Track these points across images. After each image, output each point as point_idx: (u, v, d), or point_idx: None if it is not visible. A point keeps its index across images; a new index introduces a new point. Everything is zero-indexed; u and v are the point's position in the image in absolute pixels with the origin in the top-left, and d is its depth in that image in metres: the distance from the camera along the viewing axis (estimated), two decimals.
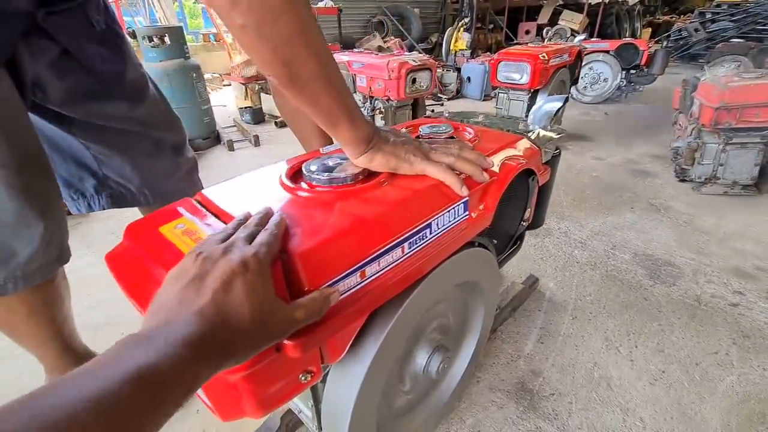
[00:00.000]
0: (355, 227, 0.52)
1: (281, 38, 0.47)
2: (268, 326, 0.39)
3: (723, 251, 1.61)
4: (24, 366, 1.12)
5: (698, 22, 6.77)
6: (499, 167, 0.73)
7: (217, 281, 0.38)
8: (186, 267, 0.40)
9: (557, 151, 1.01)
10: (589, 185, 2.25)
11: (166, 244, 0.53)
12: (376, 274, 0.53)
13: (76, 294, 1.40)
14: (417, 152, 0.63)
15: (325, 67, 0.52)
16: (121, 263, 0.56)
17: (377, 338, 0.58)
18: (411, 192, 0.60)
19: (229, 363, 0.37)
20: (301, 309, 0.43)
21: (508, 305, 1.25)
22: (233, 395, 0.46)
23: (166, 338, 0.33)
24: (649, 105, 4.11)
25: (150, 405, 0.30)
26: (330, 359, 0.54)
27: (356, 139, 0.60)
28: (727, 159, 1.98)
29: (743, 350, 1.14)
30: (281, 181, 0.63)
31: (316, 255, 0.47)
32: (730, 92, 1.82)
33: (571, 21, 6.74)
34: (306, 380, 0.51)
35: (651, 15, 9.56)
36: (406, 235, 0.56)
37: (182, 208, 0.59)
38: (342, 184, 0.60)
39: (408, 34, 6.69)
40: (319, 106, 0.55)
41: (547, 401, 1.00)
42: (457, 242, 0.67)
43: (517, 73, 2.42)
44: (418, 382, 0.82)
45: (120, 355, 0.31)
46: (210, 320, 0.36)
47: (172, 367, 0.31)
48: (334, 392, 0.63)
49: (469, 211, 0.67)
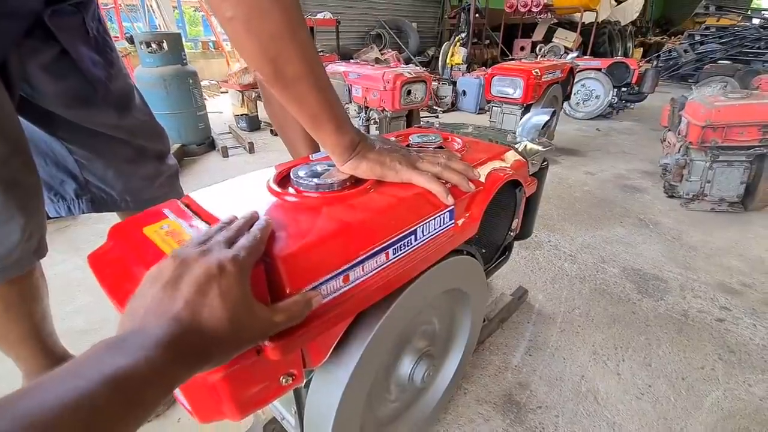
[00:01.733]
0: (338, 232, 0.52)
1: (269, 34, 0.48)
2: (244, 329, 0.39)
3: (710, 267, 1.63)
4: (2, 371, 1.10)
5: (688, 43, 6.96)
6: (486, 177, 0.74)
7: (192, 284, 0.38)
8: (163, 269, 0.40)
9: (545, 164, 1.02)
10: (580, 199, 2.28)
11: (149, 245, 0.52)
12: (359, 279, 0.53)
13: (61, 298, 1.38)
14: (403, 160, 0.64)
15: (311, 68, 0.52)
16: (104, 263, 0.56)
17: (361, 343, 0.57)
18: (396, 199, 0.61)
19: (206, 366, 0.37)
20: (282, 312, 0.43)
21: (497, 316, 1.24)
22: (212, 396, 0.46)
23: (141, 342, 0.33)
24: (640, 122, 4.19)
25: (126, 406, 0.30)
26: (313, 363, 0.53)
27: (341, 145, 0.61)
28: (714, 176, 2.02)
29: (729, 366, 1.15)
30: (269, 185, 0.63)
31: (299, 259, 0.47)
32: (716, 111, 1.86)
33: (564, 39, 6.89)
34: (287, 383, 0.50)
35: (642, 35, 9.81)
36: (390, 241, 0.56)
37: (167, 210, 0.59)
38: (328, 190, 0.61)
39: (405, 47, 6.79)
40: (303, 107, 0.55)
41: (534, 414, 0.99)
42: (443, 250, 0.67)
43: (511, 87, 2.46)
44: (404, 390, 0.81)
45: (95, 358, 0.31)
46: (184, 324, 0.35)
47: (147, 369, 0.31)
48: (317, 397, 0.62)
49: (454, 220, 0.67)
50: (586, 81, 3.99)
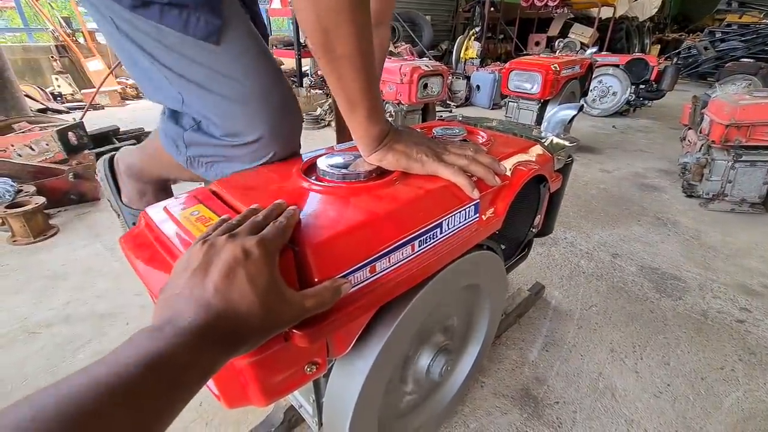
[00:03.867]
0: (366, 223, 0.52)
1: (328, 5, 0.48)
2: (275, 313, 0.40)
3: (729, 267, 1.60)
4: (26, 353, 1.13)
5: (708, 40, 6.80)
6: (511, 172, 0.74)
7: (221, 270, 0.38)
8: (191, 256, 0.41)
9: (570, 159, 1.01)
10: (596, 197, 2.25)
11: (180, 229, 0.53)
12: (385, 270, 0.54)
13: (83, 283, 1.41)
14: (429, 153, 0.64)
15: (361, 50, 0.53)
16: (135, 246, 0.57)
17: (382, 335, 0.58)
18: (423, 191, 0.60)
19: (241, 349, 0.38)
20: (311, 298, 0.43)
21: (514, 311, 1.24)
22: (239, 382, 0.46)
23: (174, 329, 0.34)
24: (658, 120, 4.12)
25: (163, 389, 0.31)
26: (336, 353, 0.54)
27: (369, 135, 0.61)
28: (735, 176, 1.98)
29: (749, 367, 1.13)
30: (296, 174, 0.64)
31: (328, 247, 0.48)
32: (741, 110, 1.82)
33: (581, 35, 6.77)
34: (311, 371, 0.51)
35: (660, 32, 9.60)
36: (416, 233, 0.56)
37: (198, 196, 0.60)
38: (355, 180, 0.61)
39: (419, 40, 6.73)
40: (342, 87, 0.56)
41: (552, 409, 1.00)
42: (467, 244, 0.67)
43: (529, 82, 2.44)
44: (421, 383, 0.81)
45: (134, 346, 0.32)
46: (215, 309, 0.36)
47: (183, 354, 0.32)
48: (337, 387, 0.63)
49: (479, 214, 0.67)
50: (603, 77, 3.93)
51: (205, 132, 0.71)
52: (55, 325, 1.22)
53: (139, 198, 0.97)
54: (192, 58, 0.63)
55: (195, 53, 0.63)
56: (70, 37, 4.75)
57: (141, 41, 0.63)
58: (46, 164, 2.02)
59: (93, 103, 3.47)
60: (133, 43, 0.63)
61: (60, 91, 4.49)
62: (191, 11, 0.59)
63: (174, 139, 0.75)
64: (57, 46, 4.75)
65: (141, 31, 0.62)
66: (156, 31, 0.61)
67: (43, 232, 1.70)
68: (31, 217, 1.65)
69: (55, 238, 1.70)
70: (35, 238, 1.66)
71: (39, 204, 1.67)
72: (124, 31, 0.63)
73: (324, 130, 3.64)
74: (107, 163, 1.01)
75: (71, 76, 4.62)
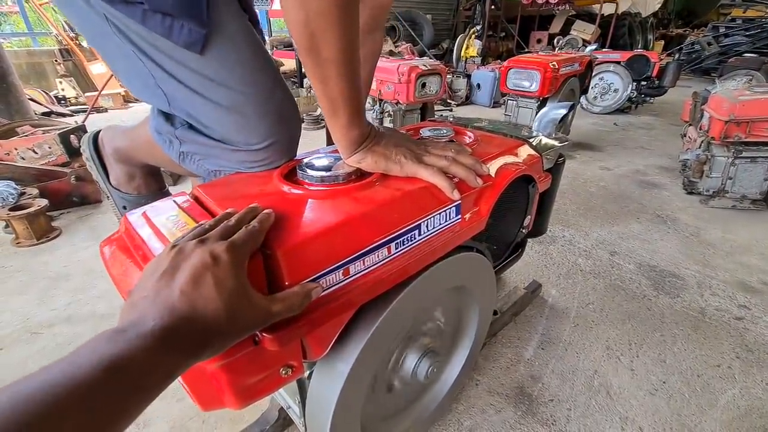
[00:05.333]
0: (339, 225, 0.52)
1: (317, 9, 0.48)
2: (241, 318, 0.39)
3: (729, 265, 1.60)
4: (28, 353, 1.15)
5: (711, 36, 6.74)
6: (496, 172, 0.73)
7: (188, 275, 0.38)
8: (160, 260, 0.41)
9: (561, 159, 1.00)
10: (596, 195, 2.25)
11: (156, 234, 0.53)
12: (361, 273, 0.53)
13: (84, 284, 1.43)
14: (408, 154, 0.64)
15: (346, 55, 0.53)
16: (113, 251, 0.57)
17: (363, 337, 0.57)
18: (401, 193, 0.60)
19: (205, 354, 0.38)
20: (279, 302, 0.43)
21: (510, 310, 1.25)
22: (211, 385, 0.47)
23: (137, 332, 0.34)
24: (659, 117, 4.10)
25: (121, 392, 0.31)
26: (313, 355, 0.54)
27: (347, 137, 0.61)
28: (736, 173, 1.97)
29: (746, 364, 1.13)
30: (276, 178, 0.64)
31: (298, 251, 0.47)
32: (740, 106, 1.81)
33: (583, 31, 6.74)
34: (287, 374, 0.51)
35: (664, 28, 9.52)
36: (393, 235, 0.56)
37: (177, 201, 0.60)
38: (333, 183, 0.61)
39: (419, 39, 6.72)
40: (325, 90, 0.56)
41: (546, 407, 1.00)
42: (449, 245, 0.66)
43: (527, 80, 2.43)
44: (407, 386, 0.80)
45: (94, 347, 0.32)
46: (179, 313, 0.36)
47: (144, 357, 0.32)
48: (318, 389, 0.63)
49: (461, 215, 0.66)
50: (604, 74, 3.91)
51: (197, 131, 0.71)
52: (56, 326, 1.24)
53: (128, 181, 0.95)
54: (180, 62, 0.62)
55: (184, 57, 0.61)
56: (73, 40, 4.80)
57: (132, 37, 0.61)
58: (48, 167, 2.05)
59: (96, 105, 3.51)
60: (125, 38, 0.62)
61: (64, 94, 4.54)
62: (174, 18, 0.58)
63: (166, 135, 0.74)
64: (61, 49, 4.81)
65: (131, 29, 0.60)
66: (144, 30, 0.60)
67: (46, 234, 1.72)
68: (34, 219, 1.67)
69: (57, 240, 1.73)
70: (38, 239, 1.68)
71: (42, 206, 1.69)
72: (116, 26, 0.61)
73: (324, 130, 3.65)
74: (92, 143, 0.97)
75: (75, 79, 4.68)
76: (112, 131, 0.96)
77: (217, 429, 0.94)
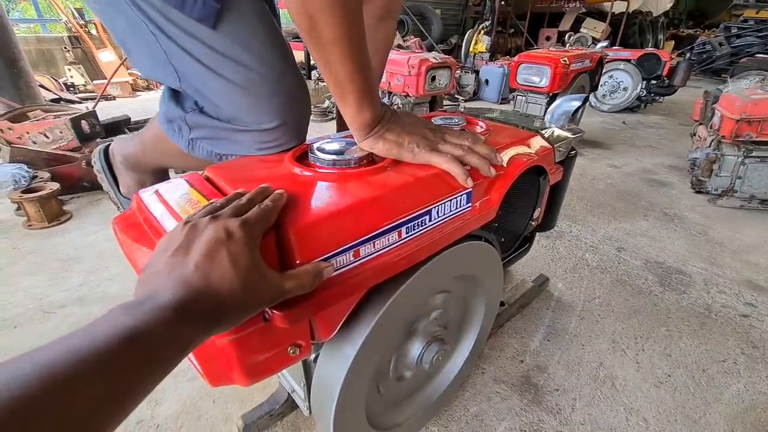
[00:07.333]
0: (351, 207, 0.52)
1: None
2: (254, 293, 0.40)
3: (736, 263, 1.60)
4: (41, 332, 1.17)
5: (723, 36, 6.66)
6: (508, 162, 0.73)
7: (202, 249, 0.39)
8: (173, 236, 0.41)
9: (573, 152, 0.99)
10: (604, 192, 2.24)
11: (168, 210, 0.54)
12: (370, 255, 0.53)
13: (96, 266, 1.45)
14: (422, 143, 0.63)
15: (348, 35, 0.51)
16: (125, 227, 0.58)
17: (370, 320, 0.57)
18: (413, 178, 0.60)
19: (219, 328, 0.38)
20: (291, 279, 0.43)
21: (517, 301, 1.25)
22: (221, 360, 0.47)
23: (153, 304, 0.34)
24: (669, 116, 4.07)
25: (139, 362, 0.31)
26: (321, 336, 0.54)
27: (358, 120, 0.60)
28: (745, 172, 1.96)
29: (752, 360, 1.14)
30: (287, 161, 0.64)
31: (309, 231, 0.48)
32: (752, 105, 1.80)
33: (593, 29, 6.69)
34: (294, 354, 0.51)
35: (675, 27, 9.43)
36: (403, 220, 0.56)
37: (189, 180, 0.61)
38: (345, 166, 0.61)
39: (428, 34, 6.69)
40: (330, 71, 0.55)
41: (551, 396, 1.01)
42: (458, 232, 0.66)
43: (537, 76, 2.42)
44: (412, 373, 0.80)
45: (110, 318, 0.32)
46: (195, 287, 0.37)
47: (161, 329, 0.33)
48: (323, 371, 0.63)
49: (472, 203, 0.66)
50: (614, 72, 3.89)
51: (208, 114, 0.70)
52: (68, 306, 1.26)
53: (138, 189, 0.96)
54: (193, 35, 0.61)
55: (197, 31, 0.61)
56: (82, 28, 4.81)
57: (145, 8, 0.61)
58: (60, 151, 2.07)
59: (104, 93, 3.52)
60: (137, 8, 0.61)
61: (72, 81, 4.55)
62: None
63: (176, 121, 0.74)
64: (70, 37, 4.81)
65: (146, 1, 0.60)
66: (158, 1, 0.59)
67: (57, 217, 1.74)
68: (46, 202, 1.69)
69: (68, 224, 1.75)
70: (49, 222, 1.70)
71: (53, 189, 1.71)
72: None
73: (332, 122, 3.65)
74: (102, 155, 0.99)
75: (83, 66, 4.68)
76: (122, 141, 0.98)
77: (227, 408, 0.95)
